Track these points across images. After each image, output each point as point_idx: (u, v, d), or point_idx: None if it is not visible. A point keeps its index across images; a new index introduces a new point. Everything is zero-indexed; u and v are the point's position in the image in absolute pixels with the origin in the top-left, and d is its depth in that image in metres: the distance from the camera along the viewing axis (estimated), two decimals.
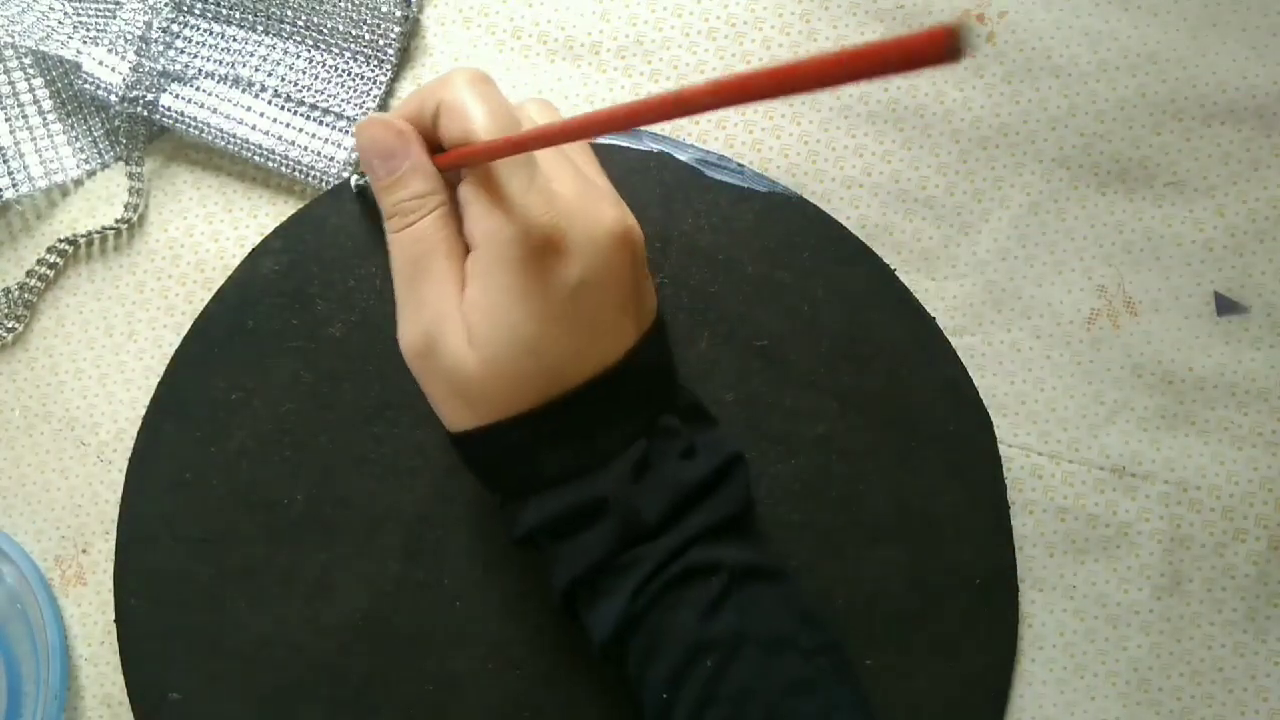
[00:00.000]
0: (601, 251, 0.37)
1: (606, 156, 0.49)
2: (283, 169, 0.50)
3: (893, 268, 0.48)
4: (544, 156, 0.38)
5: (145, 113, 0.50)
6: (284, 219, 0.50)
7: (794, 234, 0.48)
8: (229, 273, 0.50)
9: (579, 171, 0.39)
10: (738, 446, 0.41)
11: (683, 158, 0.49)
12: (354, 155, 0.50)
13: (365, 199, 0.49)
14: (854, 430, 0.47)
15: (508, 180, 0.36)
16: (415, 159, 0.39)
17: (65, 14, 0.52)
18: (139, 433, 0.50)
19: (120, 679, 0.49)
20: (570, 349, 0.37)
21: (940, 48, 0.20)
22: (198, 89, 0.51)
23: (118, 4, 0.51)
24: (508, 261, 0.36)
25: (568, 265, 0.36)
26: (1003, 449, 0.47)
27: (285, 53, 0.51)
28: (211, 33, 0.51)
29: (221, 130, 0.50)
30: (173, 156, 0.52)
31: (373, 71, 0.51)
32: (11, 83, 0.52)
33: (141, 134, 0.51)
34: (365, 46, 0.50)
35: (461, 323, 0.37)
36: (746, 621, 0.38)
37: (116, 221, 0.51)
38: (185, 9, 0.51)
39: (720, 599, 0.38)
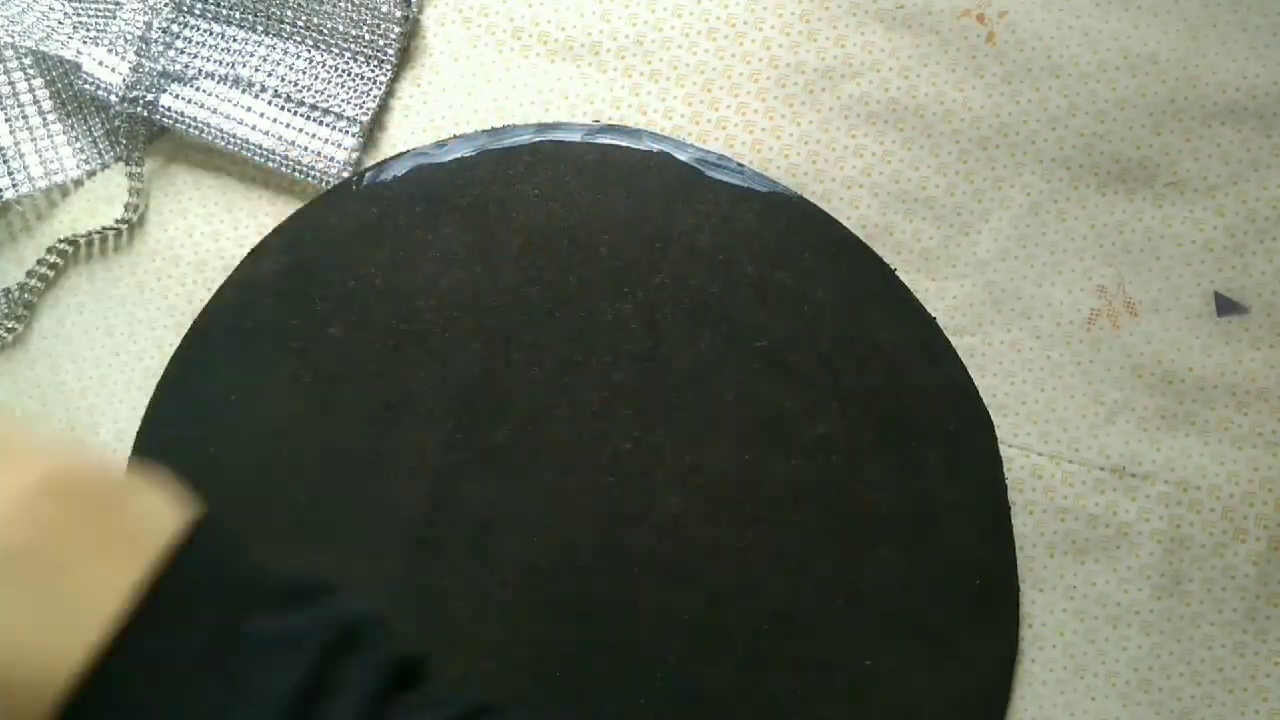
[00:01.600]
0: None
1: (608, 157, 0.49)
2: (283, 169, 0.50)
3: (893, 268, 0.48)
4: None
5: (145, 113, 0.50)
6: (284, 219, 0.50)
7: (794, 234, 0.48)
8: (229, 273, 0.50)
9: None
10: (356, 616, 0.32)
11: (683, 158, 0.49)
12: (354, 156, 0.50)
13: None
14: (854, 430, 0.47)
15: None
16: None
17: (65, 14, 0.52)
18: (139, 433, 0.50)
19: None
20: (20, 641, 0.27)
21: None
22: (198, 89, 0.51)
23: (118, 4, 0.51)
24: None
25: None
26: (1003, 449, 0.47)
27: (285, 53, 0.51)
28: (211, 33, 0.51)
29: (221, 130, 0.50)
30: (173, 157, 0.52)
31: (373, 72, 0.51)
32: (12, 83, 0.52)
33: (141, 134, 0.51)
34: (365, 47, 0.50)
35: None
36: None
37: (117, 222, 0.51)
38: (185, 9, 0.51)
39: None
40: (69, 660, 0.27)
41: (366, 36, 0.50)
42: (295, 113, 0.51)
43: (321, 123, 0.51)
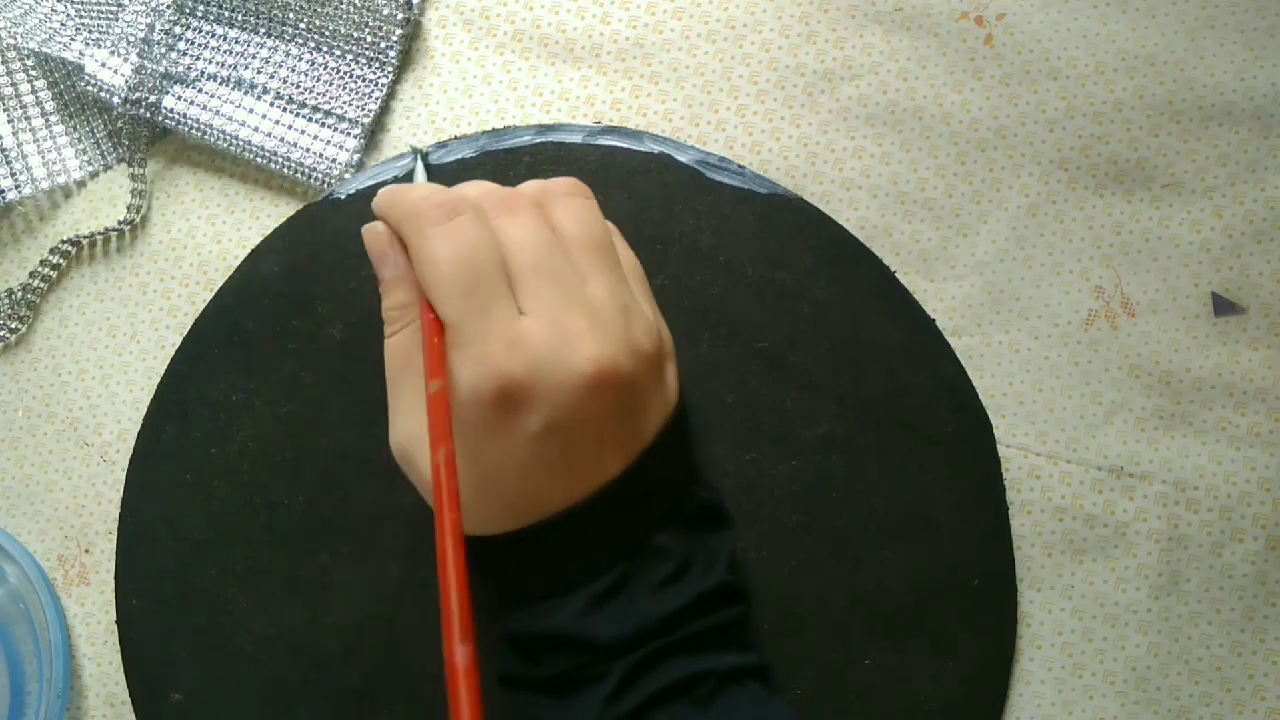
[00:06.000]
0: (569, 399, 0.34)
1: (609, 159, 0.49)
2: (284, 170, 0.51)
3: (892, 269, 0.48)
4: (530, 274, 0.36)
5: (148, 114, 0.51)
6: (285, 220, 0.50)
7: (794, 235, 0.48)
8: (231, 273, 0.50)
9: (568, 292, 0.36)
10: (728, 570, 0.39)
11: (683, 159, 0.49)
12: (355, 157, 0.50)
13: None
14: (854, 430, 0.47)
15: (472, 320, 0.35)
16: (397, 269, 0.38)
17: (68, 16, 0.52)
18: (140, 433, 0.50)
19: (123, 678, 0.49)
20: (531, 490, 0.36)
21: None
22: (200, 91, 0.51)
23: (120, 6, 0.52)
24: (464, 409, 0.35)
25: (528, 415, 0.34)
26: (1001, 449, 0.47)
27: (287, 55, 0.51)
28: (214, 35, 0.51)
29: (223, 132, 0.50)
30: (175, 158, 0.52)
31: (374, 74, 0.51)
32: (14, 84, 0.52)
33: (144, 136, 0.52)
34: (366, 49, 0.51)
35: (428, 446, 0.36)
36: (740, 716, 0.37)
37: (119, 223, 0.51)
38: (187, 11, 0.51)
39: (707, 701, 0.36)
40: (547, 512, 0.36)
41: (368, 38, 0.50)
42: (297, 114, 0.51)
43: (323, 124, 0.51)
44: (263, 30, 0.51)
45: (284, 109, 0.51)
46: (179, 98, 0.51)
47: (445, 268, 0.35)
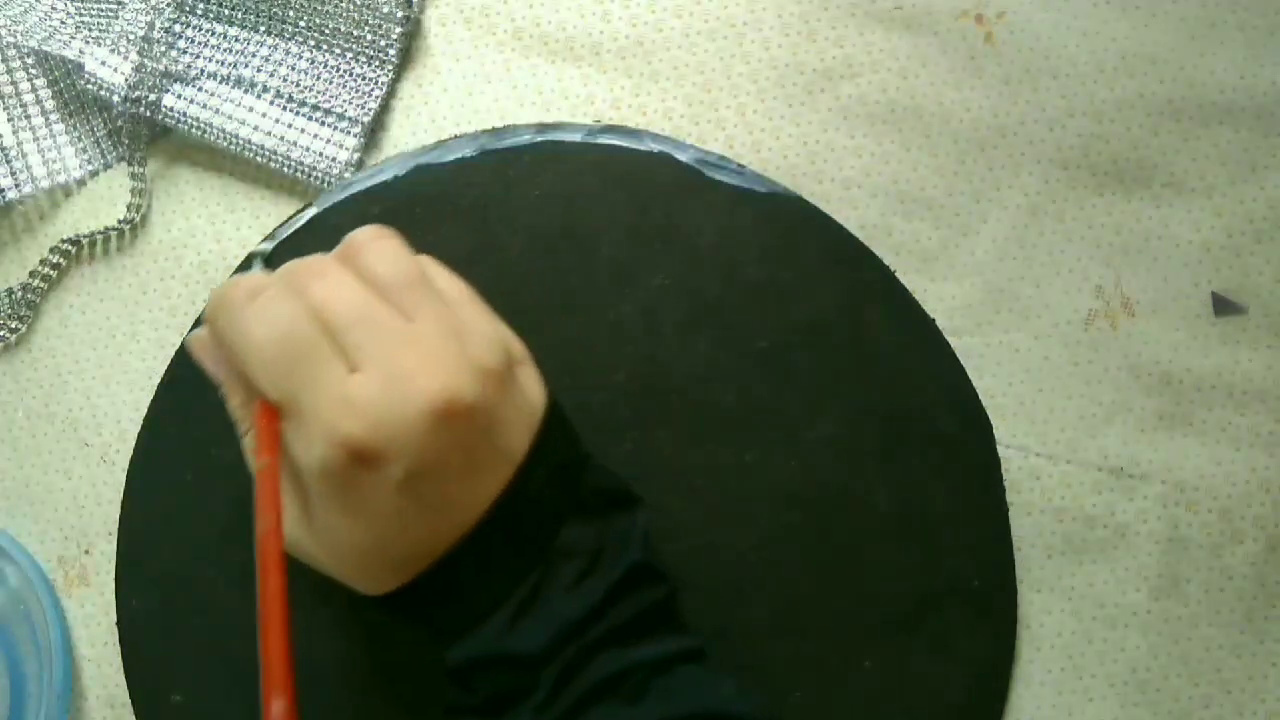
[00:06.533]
0: (420, 440, 0.33)
1: (609, 158, 0.49)
2: (284, 169, 0.50)
3: (892, 269, 0.48)
4: (350, 329, 0.35)
5: (148, 113, 0.51)
6: (286, 219, 0.50)
7: (794, 235, 0.48)
8: (231, 273, 0.50)
9: (393, 336, 0.35)
10: (643, 550, 0.38)
11: (683, 158, 0.49)
12: (355, 156, 0.50)
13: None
14: (854, 430, 0.47)
15: (302, 394, 0.34)
16: (228, 368, 0.38)
17: (68, 14, 0.52)
18: (141, 433, 0.50)
19: (123, 680, 0.49)
20: (415, 538, 0.36)
21: None
22: (200, 89, 0.51)
23: (120, 4, 0.52)
24: (318, 483, 0.34)
25: (386, 469, 0.34)
26: (1001, 450, 0.47)
27: (287, 53, 0.51)
28: (214, 33, 0.51)
29: (224, 131, 0.50)
30: (175, 157, 0.52)
31: (374, 72, 0.51)
32: (14, 83, 0.52)
33: (144, 134, 0.52)
34: (367, 47, 0.51)
35: (304, 530, 0.36)
36: (673, 704, 0.36)
37: (119, 222, 0.51)
38: (187, 9, 0.51)
39: (639, 694, 0.36)
40: (440, 551, 0.36)
41: (368, 37, 0.50)
42: (297, 113, 0.51)
43: (323, 123, 0.51)
44: (263, 28, 0.51)
45: (284, 107, 0.51)
46: (179, 96, 0.51)
47: (260, 347, 0.35)
